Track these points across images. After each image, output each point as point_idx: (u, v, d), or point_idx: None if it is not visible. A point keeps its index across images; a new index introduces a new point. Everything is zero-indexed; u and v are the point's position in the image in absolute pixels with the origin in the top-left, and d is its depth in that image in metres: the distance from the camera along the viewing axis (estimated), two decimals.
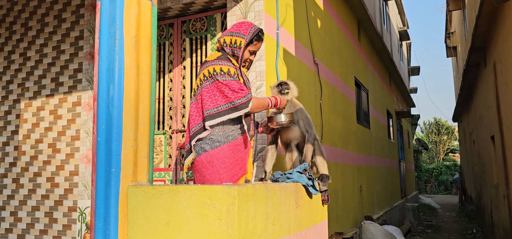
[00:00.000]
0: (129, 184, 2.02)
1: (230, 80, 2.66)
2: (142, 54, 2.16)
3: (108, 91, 2.08)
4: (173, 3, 4.19)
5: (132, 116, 2.08)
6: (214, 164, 2.63)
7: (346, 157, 6.44)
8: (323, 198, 3.09)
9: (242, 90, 2.62)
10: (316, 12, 5.42)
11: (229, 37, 2.82)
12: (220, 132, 2.66)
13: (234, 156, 2.69)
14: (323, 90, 5.40)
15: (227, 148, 2.66)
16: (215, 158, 2.63)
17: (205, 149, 2.65)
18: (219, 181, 2.63)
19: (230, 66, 2.74)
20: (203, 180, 2.71)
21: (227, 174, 2.63)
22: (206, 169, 2.66)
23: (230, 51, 2.81)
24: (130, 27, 2.14)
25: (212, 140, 2.66)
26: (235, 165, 2.68)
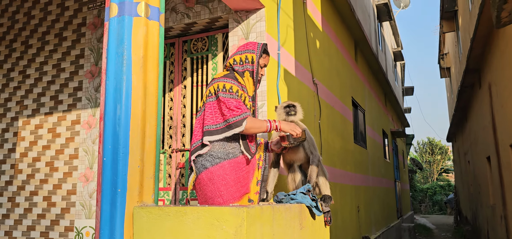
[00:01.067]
0: (135, 205, 2.01)
1: (229, 98, 2.66)
2: (150, 74, 2.17)
3: (115, 111, 2.07)
4: (175, 23, 4.22)
5: (138, 137, 2.07)
6: (214, 181, 2.61)
7: (344, 177, 6.43)
8: (325, 219, 3.08)
9: (238, 108, 2.60)
10: (315, 33, 5.48)
11: (239, 55, 2.89)
12: (220, 149, 2.65)
13: (235, 173, 2.66)
14: (322, 110, 5.43)
15: (227, 164, 2.64)
16: (216, 175, 2.61)
17: (206, 166, 2.64)
18: (220, 198, 2.60)
19: (234, 84, 2.75)
20: (204, 198, 2.69)
21: (228, 191, 2.61)
22: (207, 186, 2.64)
23: (241, 68, 2.85)
24: (138, 47, 2.14)
25: (212, 156, 2.64)
26: (236, 183, 2.66)
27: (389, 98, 13.12)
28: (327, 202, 3.07)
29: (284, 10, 4.34)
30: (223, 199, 2.61)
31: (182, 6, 4.20)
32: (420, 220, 21.21)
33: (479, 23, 5.99)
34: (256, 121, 2.68)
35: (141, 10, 2.19)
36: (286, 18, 4.40)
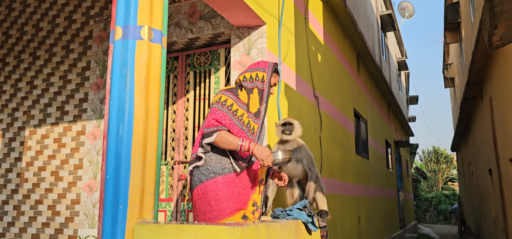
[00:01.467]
0: (135, 222, 2.09)
1: (218, 109, 2.69)
2: (151, 96, 2.26)
3: (118, 130, 2.16)
4: (178, 38, 4.32)
5: (140, 155, 2.16)
6: (207, 195, 2.64)
7: (344, 188, 6.49)
8: (322, 234, 3.14)
9: (217, 122, 2.64)
10: (316, 46, 5.56)
11: (250, 73, 2.92)
12: (217, 163, 2.69)
13: (228, 189, 2.67)
14: (323, 122, 5.50)
15: (221, 180, 2.66)
16: (208, 189, 2.65)
17: (201, 180, 2.67)
18: (210, 213, 2.63)
19: (230, 98, 2.77)
20: (197, 212, 2.72)
21: (218, 207, 2.63)
22: (200, 200, 2.67)
23: (251, 85, 2.88)
24: (140, 69, 2.24)
25: (208, 170, 2.68)
26: (228, 199, 2.66)
27: (392, 108, 13.16)
28: (323, 217, 3.14)
29: (285, 26, 4.43)
30: (213, 214, 2.64)
31: (186, 21, 4.30)
32: (424, 230, 21.12)
33: (480, 36, 6.05)
34: (230, 137, 2.64)
35: (145, 33, 2.28)
36: (288, 33, 4.50)
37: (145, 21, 2.30)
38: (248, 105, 2.86)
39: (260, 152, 2.63)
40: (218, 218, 2.66)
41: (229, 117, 2.70)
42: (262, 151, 2.63)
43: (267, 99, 2.89)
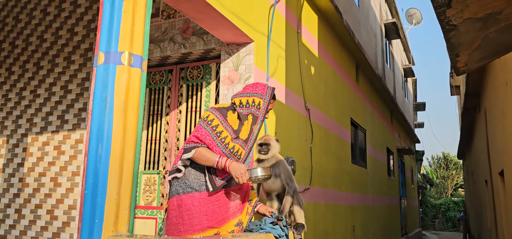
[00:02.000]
0: (109, 234, 2.27)
1: (203, 127, 2.76)
2: (130, 117, 2.44)
3: (97, 149, 2.35)
4: (172, 52, 4.51)
5: (116, 173, 2.34)
6: (181, 208, 2.72)
7: (338, 198, 6.61)
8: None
9: (198, 139, 2.72)
10: (310, 59, 5.71)
11: (246, 98, 2.91)
12: (195, 179, 2.76)
13: (203, 206, 2.73)
14: (315, 134, 5.64)
15: (198, 196, 2.73)
16: (184, 203, 2.72)
17: (178, 192, 2.75)
18: (181, 226, 2.70)
19: (217, 118, 2.81)
20: (168, 222, 2.79)
21: (190, 222, 2.70)
22: (174, 211, 2.75)
23: (246, 111, 2.89)
24: (120, 93, 2.42)
25: (185, 183, 2.76)
26: (201, 215, 2.72)
27: (395, 116, 13.21)
28: (299, 230, 3.29)
29: (275, 41, 4.59)
30: (183, 227, 2.70)
31: (179, 36, 4.49)
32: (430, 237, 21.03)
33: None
34: (208, 153, 2.70)
35: (125, 59, 2.47)
36: (277, 49, 4.65)
37: (126, 47, 2.49)
38: (238, 131, 2.86)
39: (235, 169, 2.67)
40: (187, 232, 2.71)
41: (211, 137, 2.75)
42: (237, 168, 2.67)
43: (260, 127, 2.91)
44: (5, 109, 5.51)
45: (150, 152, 4.72)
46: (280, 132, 4.56)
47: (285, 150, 4.67)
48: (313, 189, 5.49)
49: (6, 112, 5.49)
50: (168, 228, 2.83)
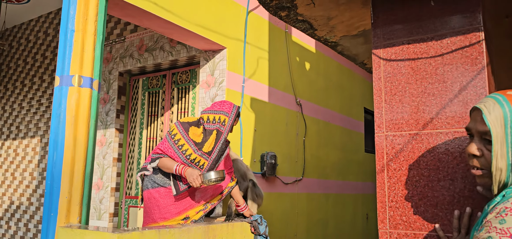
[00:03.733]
0: (61, 225, 2.81)
1: (167, 140, 3.29)
2: (80, 129, 2.95)
3: (53, 156, 2.89)
4: (162, 59, 5.01)
5: (68, 176, 2.87)
6: (151, 201, 3.32)
7: (343, 187, 6.80)
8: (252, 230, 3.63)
9: (161, 151, 3.23)
10: (303, 56, 5.94)
11: (213, 114, 3.28)
12: (160, 177, 3.34)
13: (168, 200, 3.31)
14: (310, 127, 5.89)
15: (163, 191, 3.31)
16: (152, 196, 3.31)
17: (147, 187, 3.34)
18: (152, 214, 3.29)
19: (179, 132, 3.25)
20: (145, 212, 3.40)
21: (160, 210, 3.26)
22: (147, 204, 3.35)
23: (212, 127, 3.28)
24: (71, 110, 2.94)
25: (152, 180, 3.31)
26: (167, 206, 3.28)
27: None
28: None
29: (254, 45, 4.92)
30: (156, 216, 3.32)
31: (167, 45, 4.97)
32: None
33: None
34: (169, 162, 3.17)
35: (75, 81, 2.98)
36: (258, 51, 4.97)
37: (76, 71, 2.99)
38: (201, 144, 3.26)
39: (189, 174, 3.10)
40: (160, 219, 3.33)
41: (173, 150, 3.22)
42: (191, 174, 3.09)
43: (224, 142, 3.31)
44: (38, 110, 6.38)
45: (149, 149, 5.29)
46: (262, 128, 4.90)
47: (268, 145, 5.01)
48: (306, 180, 5.77)
49: (40, 115, 6.37)
50: (144, 215, 3.42)
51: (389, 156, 1.75)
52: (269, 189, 4.97)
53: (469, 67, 1.62)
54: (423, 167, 1.66)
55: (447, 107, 1.64)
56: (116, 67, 5.45)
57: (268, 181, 4.94)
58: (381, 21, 1.86)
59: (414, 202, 1.67)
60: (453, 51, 1.67)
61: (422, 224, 1.62)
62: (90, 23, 3.04)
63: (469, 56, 1.63)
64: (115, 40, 5.57)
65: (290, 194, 5.38)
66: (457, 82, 1.64)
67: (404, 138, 1.71)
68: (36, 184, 6.16)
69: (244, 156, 4.57)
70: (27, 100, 6.35)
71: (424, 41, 1.74)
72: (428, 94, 1.69)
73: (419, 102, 1.71)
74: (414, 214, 1.65)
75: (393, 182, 1.72)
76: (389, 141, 1.76)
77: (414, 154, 1.68)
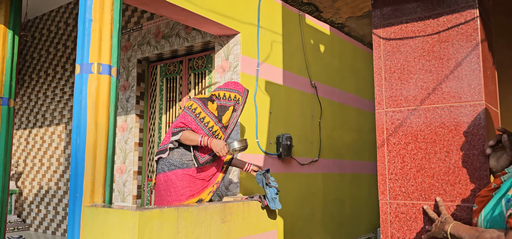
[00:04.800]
0: (86, 205, 3.00)
1: (187, 114, 3.44)
2: (100, 115, 3.12)
3: (76, 140, 3.07)
4: (179, 46, 5.14)
5: (90, 158, 3.05)
6: (168, 183, 3.46)
7: (358, 167, 6.86)
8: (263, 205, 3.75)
9: (183, 123, 3.38)
10: (318, 38, 5.98)
11: (229, 92, 3.53)
12: (178, 158, 3.45)
13: (185, 181, 3.44)
14: (325, 109, 5.96)
15: (180, 172, 3.46)
16: (169, 179, 3.44)
17: (164, 170, 3.48)
18: (169, 197, 3.44)
19: (199, 106, 3.48)
20: (159, 196, 3.55)
21: (177, 193, 3.41)
22: (162, 185, 3.49)
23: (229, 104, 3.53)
24: (91, 96, 3.10)
25: (170, 163, 3.44)
26: (184, 188, 3.44)
27: None
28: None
29: (268, 28, 4.99)
30: (172, 198, 3.47)
31: (183, 31, 5.10)
32: None
33: None
34: (192, 135, 3.34)
35: (94, 68, 3.14)
36: (271, 35, 5.05)
37: (95, 59, 3.15)
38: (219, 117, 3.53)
39: (215, 144, 3.32)
40: (175, 201, 3.48)
41: (195, 122, 3.42)
42: (217, 144, 3.31)
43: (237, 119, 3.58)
44: (63, 101, 6.63)
45: None
46: (277, 111, 5.01)
47: (284, 127, 5.11)
48: (322, 161, 5.86)
49: (63, 103, 6.62)
50: (157, 199, 3.58)
51: (388, 131, 1.83)
52: (285, 169, 5.09)
53: (464, 43, 1.68)
54: (420, 141, 1.74)
55: (443, 83, 1.72)
56: (135, 54, 5.62)
57: (284, 162, 5.06)
58: (381, 2, 1.93)
59: (412, 174, 1.76)
60: (449, 29, 1.73)
61: (420, 194, 1.71)
62: (107, 12, 3.18)
63: (464, 33, 1.69)
64: (132, 28, 5.73)
65: (306, 174, 5.49)
66: (453, 59, 1.70)
67: (403, 113, 1.79)
68: (63, 169, 6.45)
69: (260, 138, 4.69)
70: (51, 89, 6.61)
71: (421, 20, 1.81)
72: (425, 71, 1.77)
73: (417, 79, 1.78)
74: (412, 185, 1.74)
75: (393, 155, 1.81)
76: (388, 117, 1.84)
77: (412, 128, 1.77)
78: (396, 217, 1.75)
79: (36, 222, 6.88)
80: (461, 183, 1.62)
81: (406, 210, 1.74)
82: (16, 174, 7.17)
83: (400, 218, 1.74)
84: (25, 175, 7.18)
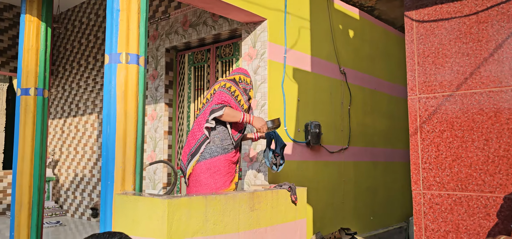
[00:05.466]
0: (117, 192, 3.05)
1: (224, 92, 3.51)
2: (129, 103, 3.15)
3: (107, 129, 3.12)
4: (206, 34, 5.14)
5: (120, 147, 3.09)
6: (212, 170, 3.48)
7: (391, 155, 6.70)
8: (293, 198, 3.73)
9: (224, 101, 3.44)
10: (347, 24, 5.83)
11: (244, 76, 3.76)
12: (219, 144, 3.51)
13: (227, 166, 3.53)
14: (355, 96, 5.83)
15: (223, 158, 3.52)
16: (213, 166, 3.48)
17: (205, 157, 3.52)
18: (214, 185, 3.46)
19: (233, 85, 3.61)
20: (198, 184, 3.59)
21: (222, 180, 3.49)
22: (204, 174, 3.50)
23: (248, 87, 3.76)
24: (120, 85, 3.14)
25: (212, 150, 3.51)
26: (226, 173, 3.53)
27: None
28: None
29: (295, 14, 4.90)
30: (217, 185, 3.49)
31: (210, 19, 5.08)
32: None
33: None
34: (234, 112, 3.46)
35: (123, 58, 3.16)
36: (299, 21, 4.96)
37: (123, 49, 3.17)
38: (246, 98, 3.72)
39: (258, 121, 3.55)
40: (222, 187, 3.53)
41: (233, 101, 3.54)
42: (259, 120, 3.56)
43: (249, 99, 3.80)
44: (95, 90, 6.78)
45: None
46: (305, 98, 4.93)
47: (312, 114, 5.04)
48: (353, 149, 5.75)
49: (95, 92, 6.77)
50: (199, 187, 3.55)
51: (422, 118, 1.75)
52: (314, 157, 5.02)
53: (505, 24, 1.57)
54: (456, 128, 1.65)
55: (482, 67, 1.61)
56: (163, 44, 5.66)
57: (312, 150, 4.99)
58: None
59: (447, 163, 1.67)
60: (488, 8, 1.62)
61: (456, 185, 1.63)
62: (134, 2, 3.20)
63: (505, 13, 1.58)
64: (160, 17, 5.76)
65: (336, 162, 5.40)
66: (492, 40, 1.60)
67: (437, 99, 1.71)
68: (96, 157, 6.62)
69: (288, 126, 4.64)
70: (84, 79, 6.77)
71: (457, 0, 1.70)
72: (462, 55, 1.67)
73: (453, 63, 1.68)
74: (447, 175, 1.66)
75: (426, 144, 1.73)
76: (422, 103, 1.76)
77: (448, 115, 1.67)
78: (431, 208, 1.67)
79: (72, 208, 7.12)
80: (501, 173, 1.53)
81: (441, 201, 1.66)
82: (53, 162, 7.42)
83: (434, 209, 1.67)
84: (61, 163, 7.42)
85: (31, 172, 4.20)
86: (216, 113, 3.44)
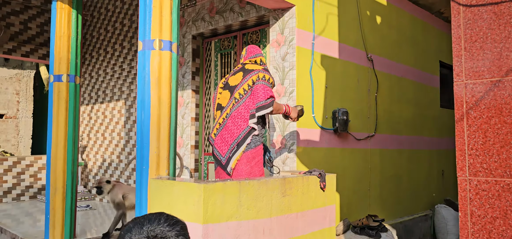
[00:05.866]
0: (152, 177, 3.12)
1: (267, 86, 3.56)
2: (163, 90, 3.20)
3: (141, 115, 3.18)
4: (233, 21, 5.14)
5: (155, 133, 3.14)
6: (255, 159, 3.56)
7: (417, 143, 6.62)
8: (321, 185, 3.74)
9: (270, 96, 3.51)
10: (374, 9, 5.75)
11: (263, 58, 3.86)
12: (259, 134, 3.59)
13: (262, 154, 3.65)
14: (382, 83, 5.77)
15: (260, 147, 3.63)
16: (258, 154, 3.58)
17: (251, 147, 3.56)
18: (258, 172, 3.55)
19: (271, 77, 3.68)
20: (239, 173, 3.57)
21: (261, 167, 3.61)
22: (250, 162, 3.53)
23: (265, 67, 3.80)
24: (154, 72, 3.18)
25: (256, 138, 3.58)
26: (262, 161, 3.63)
27: None
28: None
29: (323, 1, 4.86)
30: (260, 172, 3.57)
31: (237, 6, 5.08)
32: None
33: None
34: (278, 105, 3.60)
35: (156, 44, 3.20)
36: (327, 7, 4.91)
37: (156, 35, 3.21)
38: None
39: (293, 110, 3.75)
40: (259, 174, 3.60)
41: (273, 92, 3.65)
42: (294, 109, 3.76)
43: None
44: (128, 78, 6.89)
45: None
46: (333, 85, 4.91)
47: (340, 101, 5.01)
48: (379, 136, 5.71)
49: (128, 81, 6.88)
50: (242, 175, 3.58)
51: (468, 104, 1.73)
52: (341, 144, 5.01)
53: None
54: (506, 114, 1.63)
55: None
56: (189, 31, 5.69)
57: (340, 137, 4.98)
58: None
59: (495, 149, 1.65)
60: None
61: (504, 171, 1.61)
62: None
63: None
64: (187, 4, 5.78)
65: (362, 149, 5.38)
66: None
67: (485, 85, 1.68)
68: (124, 143, 6.75)
69: (316, 113, 4.63)
70: (111, 66, 6.87)
71: None
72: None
73: (502, 48, 1.65)
74: (495, 161, 1.64)
75: (473, 130, 1.71)
76: (468, 89, 1.74)
77: (496, 101, 1.65)
78: (477, 194, 1.66)
79: None
80: None
81: (488, 187, 1.64)
82: (81, 147, 7.59)
83: (481, 196, 1.66)
84: (89, 148, 7.58)
85: (64, 157, 4.32)
86: (266, 110, 3.51)
